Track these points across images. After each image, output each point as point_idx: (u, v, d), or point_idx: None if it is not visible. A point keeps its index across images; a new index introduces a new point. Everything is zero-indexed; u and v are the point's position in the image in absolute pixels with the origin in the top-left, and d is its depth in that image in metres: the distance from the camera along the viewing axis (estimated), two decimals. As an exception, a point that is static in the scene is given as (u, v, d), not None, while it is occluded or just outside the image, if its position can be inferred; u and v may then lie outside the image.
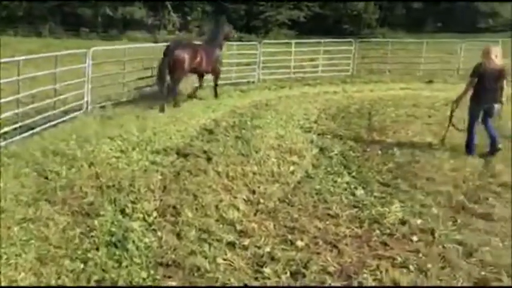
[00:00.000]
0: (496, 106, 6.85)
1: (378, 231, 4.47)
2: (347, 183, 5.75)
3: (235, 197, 5.22)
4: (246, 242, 4.22)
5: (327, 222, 4.68)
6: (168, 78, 9.95)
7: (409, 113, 9.89)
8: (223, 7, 41.54)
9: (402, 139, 7.79)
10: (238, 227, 4.52)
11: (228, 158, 6.54)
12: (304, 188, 5.59)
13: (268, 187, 5.56)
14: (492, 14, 45.47)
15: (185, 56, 10.06)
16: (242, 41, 24.13)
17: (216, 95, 11.69)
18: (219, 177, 5.82)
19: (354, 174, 6.09)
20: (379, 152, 7.10)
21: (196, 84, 11.50)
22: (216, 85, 11.79)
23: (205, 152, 6.82)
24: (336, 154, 6.96)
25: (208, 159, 6.49)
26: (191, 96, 11.32)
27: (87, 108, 9.34)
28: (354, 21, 43.87)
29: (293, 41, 17.81)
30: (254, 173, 5.99)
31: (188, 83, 11.36)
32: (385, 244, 4.24)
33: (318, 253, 4.06)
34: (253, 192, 5.42)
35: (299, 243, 4.22)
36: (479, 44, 15.99)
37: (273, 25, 42.85)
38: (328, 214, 4.88)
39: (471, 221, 4.66)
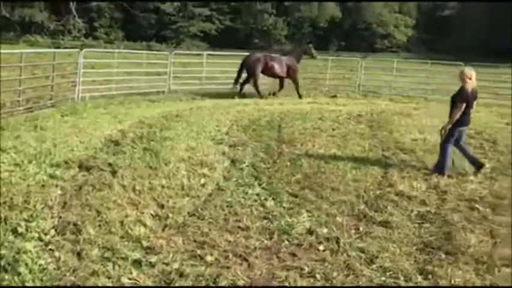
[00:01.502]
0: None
1: (286, 242, 4.53)
2: (257, 194, 5.78)
3: (142, 212, 4.99)
4: (153, 259, 4.04)
5: (238, 235, 4.65)
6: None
7: (315, 126, 10.27)
8: (133, 15, 40.44)
9: (309, 151, 8.04)
10: (145, 244, 4.31)
11: (135, 171, 6.27)
12: (215, 200, 5.51)
13: (178, 201, 5.41)
14: (387, 36, 49.48)
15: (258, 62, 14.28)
16: (152, 50, 23.61)
17: (299, 97, 14.90)
18: (124, 192, 5.54)
19: (264, 185, 6.14)
20: (288, 163, 7.25)
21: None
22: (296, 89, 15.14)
23: (110, 164, 6.47)
24: (247, 166, 6.99)
25: (114, 173, 6.16)
26: (272, 94, 15.04)
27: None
28: (264, 36, 45.18)
29: (205, 53, 17.80)
30: (163, 187, 5.80)
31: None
32: (293, 254, 4.31)
33: (228, 267, 4.00)
34: (162, 206, 5.24)
35: (209, 258, 4.13)
36: (377, 62, 17.29)
37: (185, 36, 42.62)
38: (239, 227, 4.86)
39: (372, 229, 4.91)
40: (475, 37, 48.63)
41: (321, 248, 4.44)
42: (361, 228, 4.91)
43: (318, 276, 3.92)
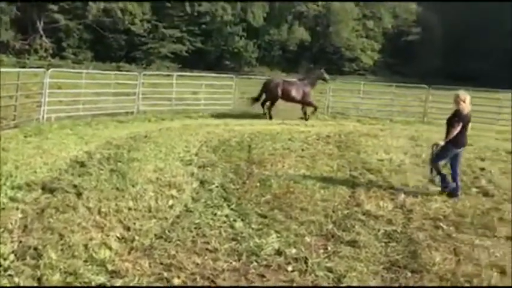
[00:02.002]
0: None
1: (255, 263, 4.50)
2: (226, 216, 5.73)
3: (107, 235, 4.87)
4: (118, 282, 3.94)
5: (206, 257, 4.58)
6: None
7: (285, 147, 10.36)
8: (102, 35, 40.16)
9: (279, 171, 8.08)
10: (110, 267, 4.20)
11: (101, 193, 6.13)
12: (183, 222, 5.43)
13: (145, 223, 5.31)
14: (354, 59, 50.86)
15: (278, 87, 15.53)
16: (122, 71, 23.43)
17: (306, 119, 15.65)
18: (89, 214, 5.40)
19: (233, 206, 6.10)
20: (258, 183, 7.25)
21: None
22: (305, 113, 15.98)
23: (75, 186, 6.31)
24: (217, 187, 6.95)
25: (79, 195, 6.01)
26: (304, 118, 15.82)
27: None
28: (234, 58, 45.63)
29: (175, 74, 17.80)
30: (129, 209, 5.69)
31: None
32: (262, 276, 4.28)
33: (196, 290, 3.93)
34: (128, 229, 5.12)
35: (176, 281, 4.06)
36: (345, 84, 17.70)
37: (156, 57, 42.56)
38: (207, 249, 4.79)
39: (340, 248, 4.93)
40: (436, 61, 50.59)
41: (290, 268, 4.42)
42: (329, 248, 4.93)
43: (286, 297, 3.90)
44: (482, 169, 8.90)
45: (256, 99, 15.88)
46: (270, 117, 15.57)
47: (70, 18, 39.73)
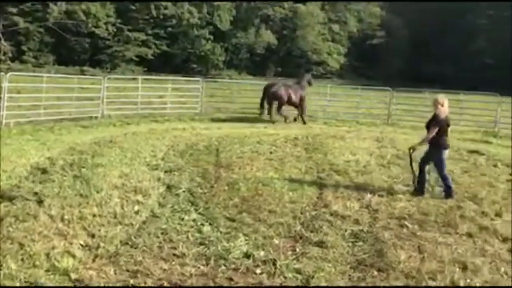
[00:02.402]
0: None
1: (223, 267, 4.46)
2: (194, 220, 5.68)
3: (70, 243, 4.73)
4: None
5: (173, 263, 4.52)
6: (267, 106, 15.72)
7: (253, 150, 10.35)
8: (64, 39, 39.14)
9: (247, 174, 8.06)
10: (73, 276, 4.07)
11: (63, 200, 5.95)
12: (149, 228, 5.34)
13: (110, 229, 5.18)
14: (321, 63, 51.58)
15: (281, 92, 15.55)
16: (85, 74, 22.91)
17: (304, 123, 15.87)
18: (52, 222, 5.23)
19: (201, 210, 6.05)
20: (226, 187, 7.22)
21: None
22: (301, 116, 16.15)
23: (36, 194, 6.10)
24: (184, 191, 6.87)
25: (40, 202, 5.81)
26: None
27: None
28: (201, 61, 45.40)
29: (140, 77, 17.53)
30: (94, 215, 5.54)
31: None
32: (230, 279, 4.25)
33: (162, 296, 3.86)
34: (93, 236, 4.99)
35: (142, 288, 3.97)
36: (312, 87, 17.89)
37: (120, 60, 41.82)
38: (174, 254, 4.73)
39: (308, 249, 4.96)
40: (400, 64, 51.99)
41: (258, 271, 4.41)
42: (297, 249, 4.95)
43: (254, 300, 3.89)
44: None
45: (261, 106, 15.97)
46: (273, 121, 15.59)
47: (30, 21, 38.50)
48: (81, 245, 4.73)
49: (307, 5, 49.59)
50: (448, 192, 7.11)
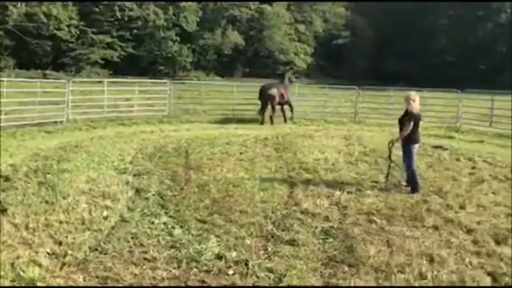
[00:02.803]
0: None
1: (195, 270, 4.44)
2: (164, 223, 5.62)
3: (36, 252, 4.59)
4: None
5: (144, 267, 4.46)
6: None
7: (223, 151, 10.33)
8: (25, 41, 37.93)
9: (217, 175, 8.04)
10: (40, 285, 3.97)
11: (28, 208, 5.77)
12: (118, 233, 5.25)
13: (78, 236, 5.06)
14: (288, 63, 51.96)
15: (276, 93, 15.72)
16: (48, 78, 22.30)
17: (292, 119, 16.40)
18: (16, 231, 5.07)
19: (171, 213, 5.99)
20: (196, 189, 7.17)
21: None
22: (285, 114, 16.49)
23: (-1, 202, 5.89)
24: (153, 194, 6.79)
25: (3, 211, 5.62)
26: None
27: None
28: (168, 63, 44.96)
29: (106, 80, 17.20)
30: (61, 222, 5.41)
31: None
32: (202, 281, 4.23)
33: (134, 301, 3.81)
34: (60, 243, 4.87)
35: (112, 294, 3.90)
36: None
37: (85, 63, 40.85)
38: (145, 258, 4.67)
39: (280, 248, 4.99)
40: (365, 63, 53.04)
41: (230, 272, 4.41)
42: (269, 249, 4.97)
43: (228, 301, 3.88)
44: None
45: (262, 110, 15.98)
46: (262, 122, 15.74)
47: (-12, 23, 37.14)
48: (48, 253, 4.61)
49: (273, 6, 49.88)
50: (414, 187, 7.31)
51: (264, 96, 15.82)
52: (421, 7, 52.54)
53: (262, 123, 15.73)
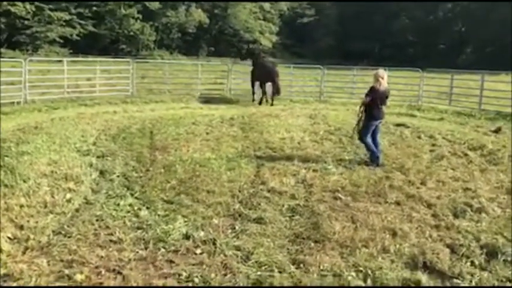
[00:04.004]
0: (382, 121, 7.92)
1: (163, 250, 4.42)
2: (130, 205, 5.54)
3: (-4, 237, 4.44)
4: (13, 285, 3.62)
5: (110, 249, 4.40)
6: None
7: (189, 131, 10.22)
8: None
9: (183, 156, 7.96)
10: (2, 271, 3.85)
11: (-14, 192, 5.56)
12: (83, 215, 5.14)
13: (40, 219, 4.93)
14: (254, 42, 51.64)
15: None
16: (3, 57, 21.32)
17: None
18: (-27, 216, 4.88)
19: (137, 195, 5.92)
20: (162, 170, 7.09)
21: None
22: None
23: (-47, 187, 5.65)
24: (118, 176, 6.67)
25: (-41, 196, 5.39)
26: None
27: None
28: (131, 42, 43.79)
29: (65, 59, 16.57)
30: (21, 206, 5.24)
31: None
32: (170, 261, 4.22)
33: (101, 283, 3.77)
34: (21, 227, 4.73)
35: (78, 277, 3.85)
36: (246, 67, 17.91)
37: (43, 42, 39.23)
38: (111, 240, 4.60)
39: (247, 227, 5.03)
40: (330, 42, 53.40)
41: (198, 251, 4.42)
42: (236, 227, 5.01)
43: (196, 280, 3.91)
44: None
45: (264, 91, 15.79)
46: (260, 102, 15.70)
47: None
48: (9, 238, 4.47)
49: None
50: (372, 157, 7.70)
51: (272, 74, 15.31)
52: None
53: (261, 103, 15.60)
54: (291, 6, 56.52)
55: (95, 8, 41.84)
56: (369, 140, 7.77)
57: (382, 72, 7.79)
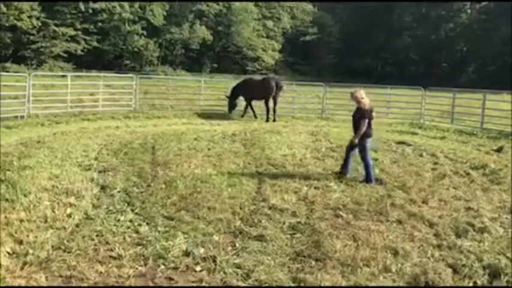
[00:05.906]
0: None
1: (162, 267, 4.39)
2: (130, 220, 5.52)
3: (-5, 251, 4.42)
4: (10, 302, 3.59)
5: (109, 265, 4.37)
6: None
7: (190, 147, 10.24)
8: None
9: (185, 171, 7.95)
10: (0, 286, 3.81)
11: (-14, 206, 5.55)
12: (83, 231, 5.12)
13: (40, 234, 4.91)
14: (257, 59, 52.09)
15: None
16: (8, 71, 21.52)
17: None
18: (-27, 230, 4.86)
19: (137, 210, 5.89)
20: (163, 185, 7.07)
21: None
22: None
23: (-46, 200, 5.64)
24: (119, 191, 6.66)
25: (-40, 209, 5.38)
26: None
27: None
28: (135, 57, 44.17)
29: (69, 74, 16.72)
30: (21, 220, 5.22)
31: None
32: (170, 278, 4.18)
33: (99, 300, 3.73)
34: (20, 242, 4.70)
35: (77, 293, 3.81)
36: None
37: (47, 57, 39.62)
38: (111, 256, 4.57)
39: (248, 244, 4.99)
40: (332, 60, 53.76)
41: (198, 268, 4.38)
42: (237, 245, 4.97)
43: (195, 297, 3.86)
44: (376, 159, 9.59)
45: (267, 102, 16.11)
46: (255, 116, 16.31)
47: None
48: (8, 253, 4.45)
49: (241, 1, 49.79)
50: (368, 178, 7.61)
51: (275, 88, 15.77)
52: (386, 5, 53.68)
53: (256, 116, 16.15)
54: (294, 24, 57.08)
55: (100, 24, 42.33)
56: (370, 161, 7.79)
57: (360, 92, 7.86)
